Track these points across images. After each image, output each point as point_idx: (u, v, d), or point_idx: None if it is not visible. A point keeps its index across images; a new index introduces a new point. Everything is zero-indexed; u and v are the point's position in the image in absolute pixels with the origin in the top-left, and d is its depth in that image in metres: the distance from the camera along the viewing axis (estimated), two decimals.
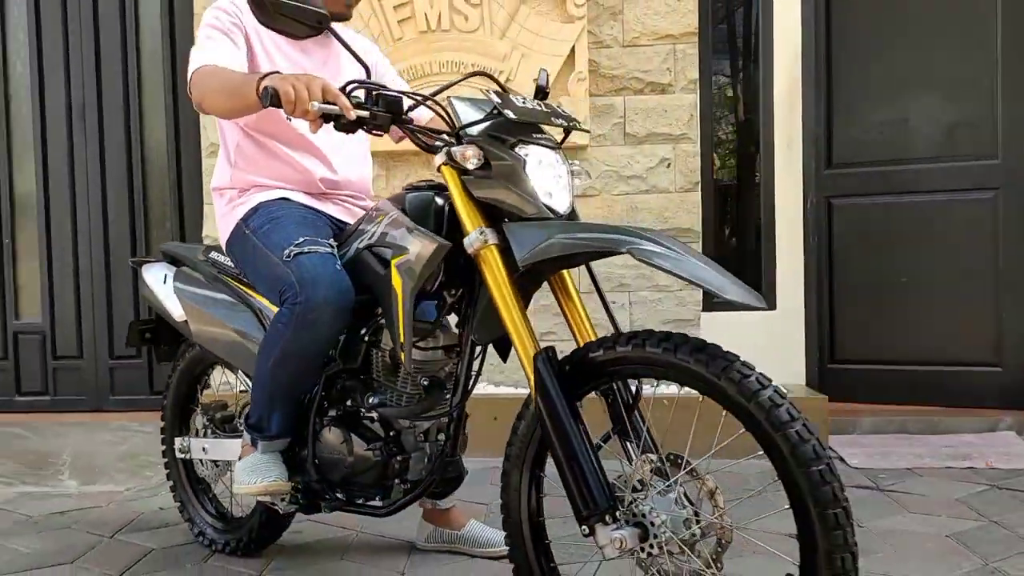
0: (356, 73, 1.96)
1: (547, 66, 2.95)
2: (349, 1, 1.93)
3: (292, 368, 1.69)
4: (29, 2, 3.64)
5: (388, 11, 3.23)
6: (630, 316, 3.23)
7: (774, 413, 1.24)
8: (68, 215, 3.65)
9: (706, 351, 1.33)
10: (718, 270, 1.30)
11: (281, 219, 1.77)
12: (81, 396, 3.64)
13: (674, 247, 1.31)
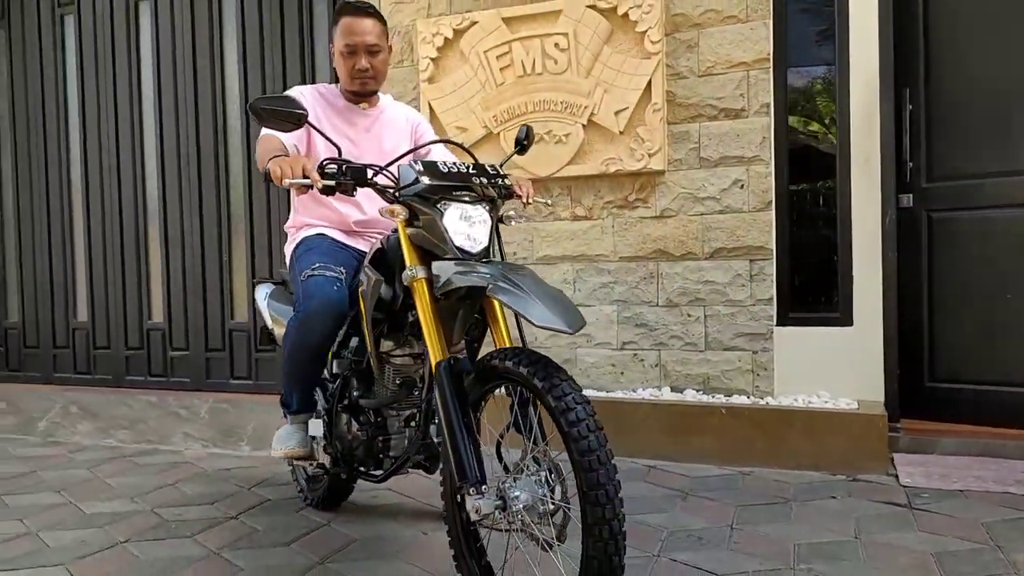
0: (395, 137, 2.52)
1: (626, 98, 3.33)
2: (363, 83, 2.45)
3: (299, 359, 2.28)
4: (154, 68, 4.69)
5: (492, 61, 3.73)
6: (705, 329, 3.45)
7: (568, 415, 1.57)
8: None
9: (539, 364, 1.67)
10: (550, 303, 1.65)
11: (311, 249, 2.35)
12: (271, 381, 4.57)
13: (523, 285, 1.68)
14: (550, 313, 1.64)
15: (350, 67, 2.42)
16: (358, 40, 2.41)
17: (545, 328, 1.65)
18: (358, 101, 2.51)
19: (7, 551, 2.44)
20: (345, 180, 2.00)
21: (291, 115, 1.97)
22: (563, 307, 1.68)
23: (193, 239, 4.69)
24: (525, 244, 3.75)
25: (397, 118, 2.61)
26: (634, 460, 3.27)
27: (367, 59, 2.43)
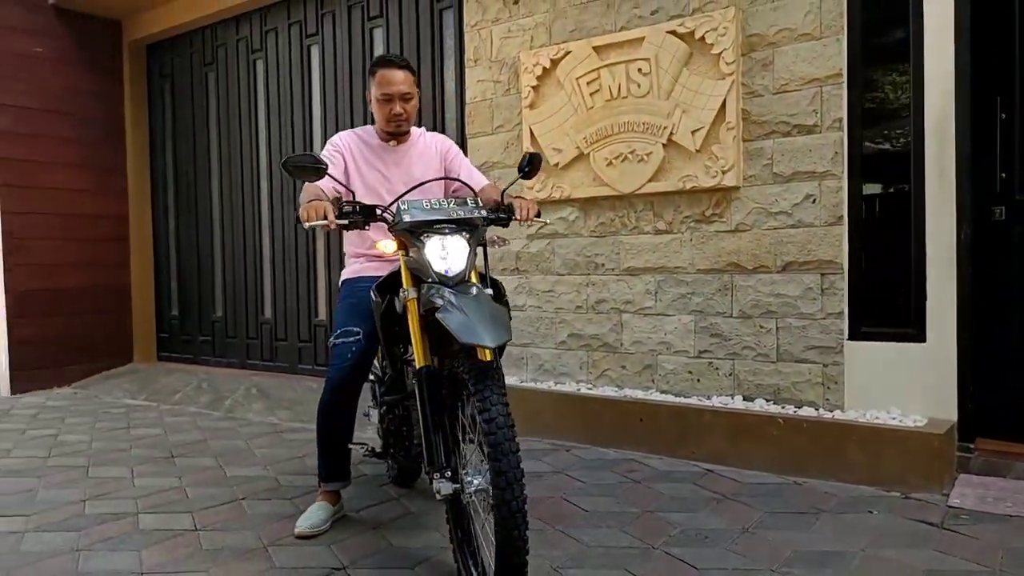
0: (423, 166, 2.96)
1: (702, 118, 3.52)
2: (398, 125, 2.88)
3: (325, 419, 2.78)
4: (321, 103, 5.33)
5: (583, 86, 4.03)
6: (777, 341, 3.53)
7: (485, 414, 1.91)
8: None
9: (476, 373, 2.02)
10: (483, 322, 2.00)
11: (343, 301, 2.85)
12: None
13: (466, 309, 2.04)
14: (479, 331, 2.00)
15: (387, 112, 2.87)
16: (393, 90, 2.85)
17: (468, 344, 2.01)
18: (390, 139, 2.96)
19: (158, 499, 3.17)
20: (355, 217, 2.45)
21: (315, 170, 2.43)
22: (493, 326, 2.03)
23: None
24: (612, 256, 4.02)
25: (427, 149, 3.03)
26: (696, 463, 3.45)
27: (401, 105, 2.87)
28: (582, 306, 4.13)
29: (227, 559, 2.50)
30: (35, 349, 6.12)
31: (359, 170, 2.96)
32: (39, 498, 3.21)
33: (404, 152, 3.00)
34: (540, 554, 2.45)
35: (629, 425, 3.72)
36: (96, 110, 6.56)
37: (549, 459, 3.60)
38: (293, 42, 5.75)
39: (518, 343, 4.36)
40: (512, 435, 1.96)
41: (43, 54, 6.21)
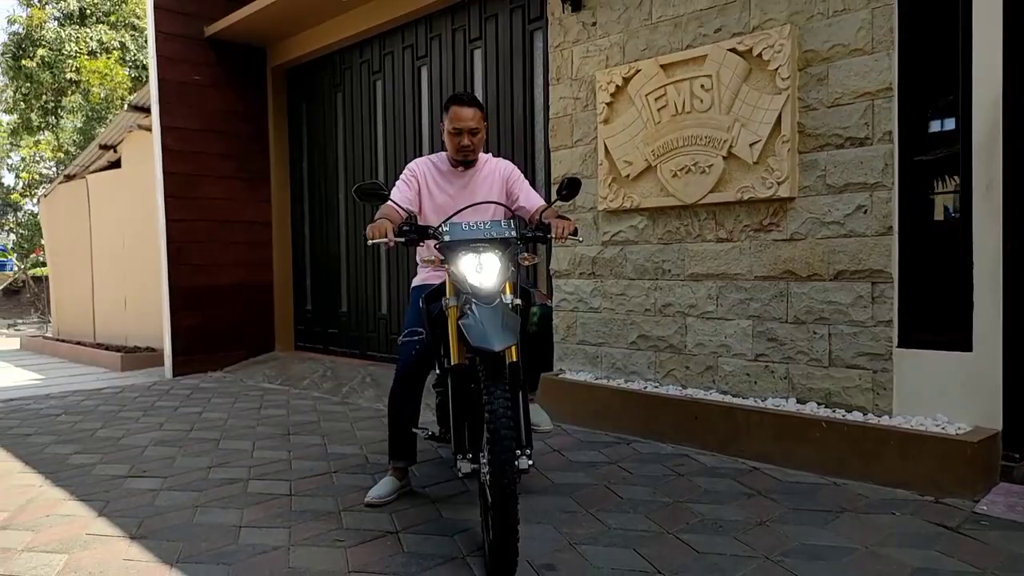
0: (486, 189, 3.34)
1: (759, 132, 3.72)
2: (466, 155, 3.28)
3: (392, 410, 3.21)
4: (428, 117, 5.76)
5: (651, 102, 4.28)
6: (829, 346, 3.66)
7: (489, 406, 2.27)
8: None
9: (489, 372, 2.38)
10: (492, 330, 2.36)
11: (412, 306, 3.26)
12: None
13: (481, 318, 2.41)
14: (488, 337, 2.37)
15: (456, 144, 3.29)
16: (463, 125, 3.26)
17: (477, 347, 2.38)
18: (458, 166, 3.37)
19: (267, 469, 3.77)
20: (411, 236, 2.88)
21: (379, 196, 2.90)
22: (501, 333, 2.39)
23: None
24: (678, 262, 4.25)
25: (491, 174, 3.41)
26: (744, 461, 3.65)
27: (468, 138, 3.27)
28: (650, 309, 4.39)
29: (307, 519, 3.01)
30: (193, 338, 7.09)
31: (430, 193, 3.40)
32: (176, 464, 3.90)
33: (470, 177, 3.41)
34: (565, 532, 2.79)
35: (685, 422, 3.96)
36: (245, 128, 7.45)
37: (608, 451, 3.91)
38: (407, 64, 6.32)
39: (593, 342, 4.67)
40: (509, 425, 2.31)
41: (201, 81, 7.15)
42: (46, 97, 19.37)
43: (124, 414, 5.27)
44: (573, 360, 4.81)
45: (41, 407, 5.63)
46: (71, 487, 3.52)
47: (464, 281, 2.69)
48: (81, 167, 11.00)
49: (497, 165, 3.50)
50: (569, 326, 4.82)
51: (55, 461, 4.01)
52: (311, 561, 2.57)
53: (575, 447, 4.01)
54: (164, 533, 2.88)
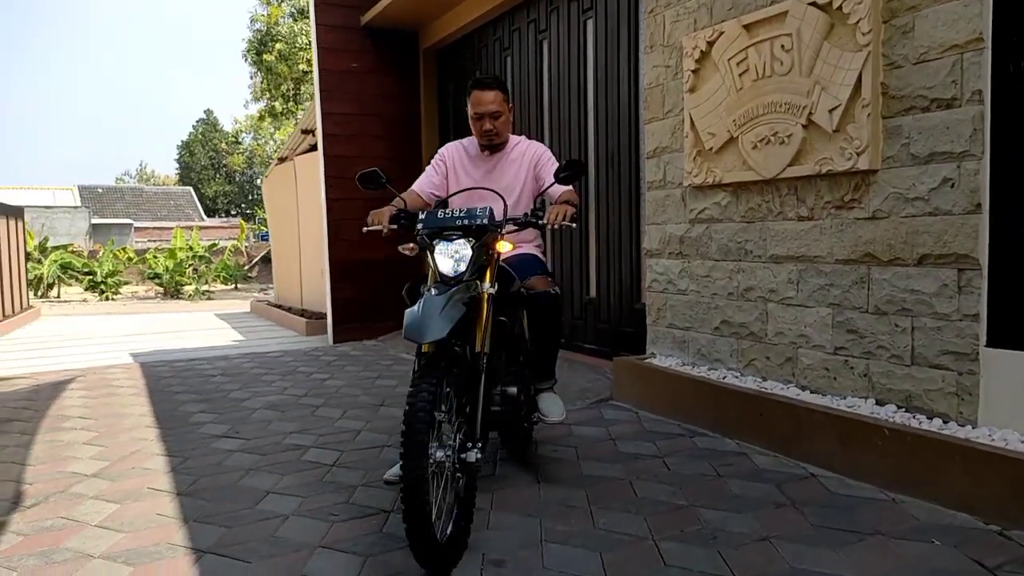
0: (512, 174, 3.29)
1: (839, 95, 3.34)
2: (489, 140, 3.21)
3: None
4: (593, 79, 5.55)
5: (733, 67, 3.91)
6: (912, 342, 3.17)
7: (408, 403, 2.26)
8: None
9: (424, 367, 2.36)
10: (424, 319, 2.34)
11: None
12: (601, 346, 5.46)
13: (425, 307, 2.39)
14: (419, 328, 2.35)
15: (479, 129, 3.25)
16: (483, 109, 3.21)
17: (408, 339, 2.36)
18: (484, 149, 3.31)
19: (334, 438, 4.03)
20: (404, 223, 2.90)
21: (376, 182, 2.95)
22: (434, 322, 2.36)
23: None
24: (759, 243, 3.88)
25: (519, 157, 3.32)
26: (804, 465, 3.30)
27: (490, 122, 3.22)
28: (733, 293, 4.06)
29: (326, 490, 3.19)
30: (351, 308, 7.66)
31: (457, 176, 3.41)
32: (268, 427, 4.29)
33: (496, 161, 3.37)
34: (547, 527, 2.72)
35: (751, 418, 3.64)
36: (399, 110, 7.84)
37: (664, 443, 3.71)
38: (530, 39, 6.28)
39: (681, 326, 4.42)
40: (423, 419, 2.28)
41: (358, 68, 7.63)
42: (286, 86, 21.63)
43: (267, 377, 5.86)
44: (663, 344, 4.59)
45: (207, 368, 6.42)
46: (170, 443, 4.01)
47: (435, 269, 2.69)
48: (290, 150, 12.19)
49: (527, 148, 3.42)
50: (659, 308, 4.60)
51: (178, 418, 4.58)
52: (295, 532, 2.74)
53: (633, 436, 3.85)
54: (205, 493, 3.21)
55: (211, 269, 20.72)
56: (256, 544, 2.63)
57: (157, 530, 2.80)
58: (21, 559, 2.58)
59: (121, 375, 6.24)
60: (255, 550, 2.58)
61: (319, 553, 2.55)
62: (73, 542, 2.71)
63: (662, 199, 4.54)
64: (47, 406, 5.06)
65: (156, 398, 5.23)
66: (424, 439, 2.27)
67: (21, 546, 2.70)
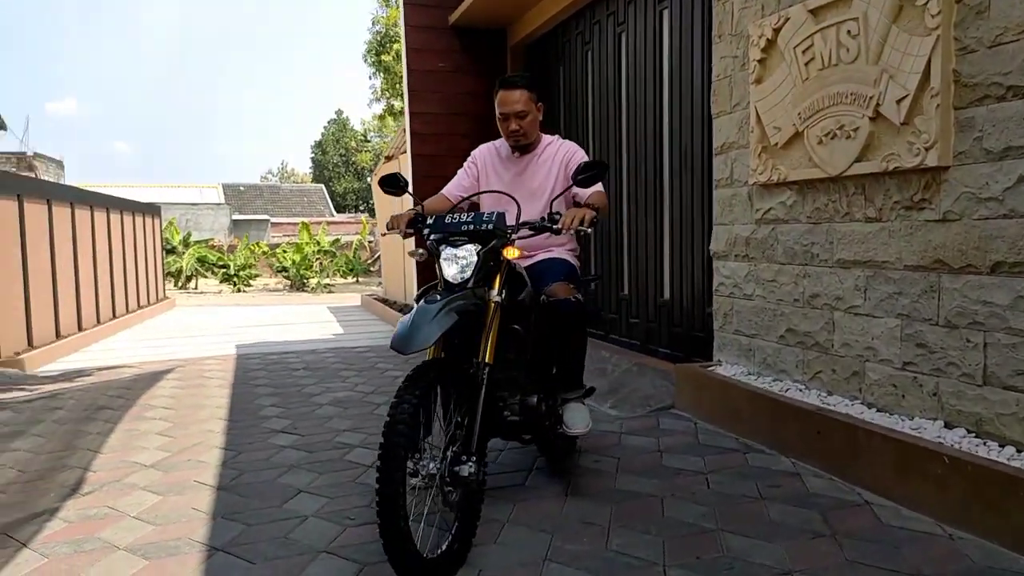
0: (541, 176, 3.19)
1: (907, 84, 3.06)
2: (516, 140, 3.11)
3: None
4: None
5: (799, 56, 3.63)
6: (984, 360, 2.83)
7: (390, 415, 2.20)
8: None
9: (410, 378, 2.30)
10: (411, 329, 2.27)
11: None
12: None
13: (415, 316, 2.33)
14: (404, 338, 2.29)
15: (505, 129, 3.16)
16: (508, 109, 3.12)
17: (393, 349, 2.30)
18: (514, 151, 3.21)
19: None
20: (422, 226, 2.85)
21: (397, 187, 2.92)
22: (413, 331, 2.29)
23: (685, 230, 5.65)
24: (826, 246, 3.58)
25: (549, 158, 3.20)
26: (860, 491, 3.02)
27: (516, 122, 3.12)
28: (799, 299, 3.78)
29: (355, 492, 3.19)
30: None
31: (488, 178, 3.34)
32: (326, 424, 4.38)
33: (526, 163, 3.28)
34: (556, 546, 2.60)
35: (808, 436, 3.37)
36: (486, 108, 7.78)
37: (713, 459, 3.50)
38: (609, 32, 6.10)
39: (747, 333, 4.16)
40: (401, 431, 2.21)
41: (445, 68, 7.68)
42: (402, 85, 22.21)
43: (344, 372, 6.01)
44: (729, 351, 4.34)
45: (294, 361, 6.66)
46: (232, 436, 4.17)
47: (439, 275, 2.64)
48: (396, 148, 12.50)
49: (559, 148, 3.30)
50: (726, 314, 4.35)
51: (248, 411, 4.76)
52: (307, 534, 2.76)
53: (683, 449, 3.66)
54: (242, 489, 3.30)
55: (334, 263, 21.63)
56: (266, 545, 2.67)
57: (185, 524, 2.90)
58: (56, 546, 2.73)
59: (215, 366, 6.58)
60: (263, 551, 2.62)
61: (320, 559, 2.55)
62: (107, 532, 2.84)
63: (729, 198, 4.28)
64: (139, 395, 5.40)
65: (237, 390, 5.46)
66: (401, 453, 2.22)
67: (61, 533, 2.86)
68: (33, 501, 3.23)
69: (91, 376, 6.44)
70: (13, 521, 2.99)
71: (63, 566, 2.56)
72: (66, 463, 3.78)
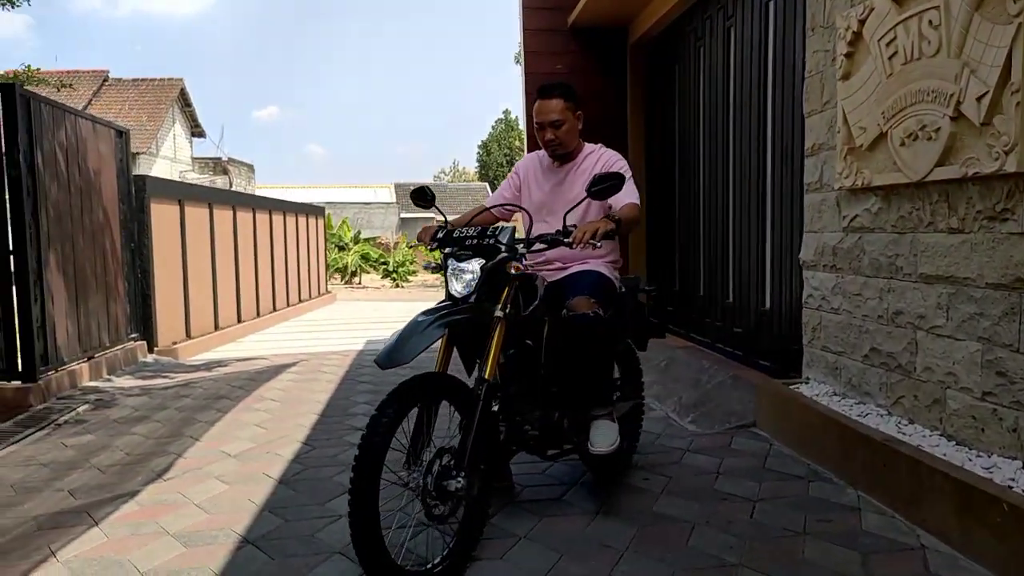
0: (581, 188, 3.12)
1: (988, 79, 2.75)
2: (553, 150, 3.05)
3: None
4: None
5: (882, 49, 3.30)
6: None
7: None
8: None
9: (391, 395, 2.32)
10: (395, 342, 2.30)
11: None
12: None
13: (402, 331, 2.36)
14: (385, 353, 2.32)
15: (542, 139, 3.11)
16: (543, 119, 3.08)
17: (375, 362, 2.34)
18: (555, 160, 3.16)
19: None
20: (441, 238, 2.86)
21: (426, 200, 2.96)
22: (398, 346, 2.31)
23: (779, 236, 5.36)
24: (910, 258, 3.23)
25: (588, 168, 3.11)
26: (920, 531, 2.73)
27: (552, 132, 3.07)
28: (883, 316, 3.44)
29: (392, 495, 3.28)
30: None
31: (529, 189, 3.31)
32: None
33: (565, 172, 3.22)
34: (562, 566, 2.54)
35: (875, 468, 3.07)
36: (604, 108, 7.71)
37: (771, 485, 3.27)
38: (719, 26, 5.83)
39: (834, 350, 3.85)
40: (371, 449, 2.24)
41: (562, 69, 7.65)
42: None
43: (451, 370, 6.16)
44: (816, 368, 4.04)
45: None
46: (315, 432, 4.41)
47: (449, 285, 2.66)
48: None
49: (599, 157, 3.21)
50: (814, 328, 4.05)
51: (341, 407, 5.02)
52: (332, 534, 2.86)
53: (744, 473, 3.45)
54: (299, 484, 3.49)
55: None
56: (291, 542, 2.81)
57: (233, 515, 3.11)
58: (118, 527, 3.03)
59: (335, 361, 6.97)
60: (285, 548, 2.76)
61: (332, 559, 2.65)
62: (165, 518, 3.11)
63: (818, 204, 3.98)
64: (257, 387, 5.83)
65: (343, 386, 5.76)
66: (374, 470, 2.25)
67: (130, 516, 3.16)
68: (123, 483, 3.59)
69: (227, 367, 7.04)
70: (97, 501, 3.35)
71: (115, 547, 2.83)
72: (166, 449, 4.17)
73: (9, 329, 5.38)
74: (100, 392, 5.84)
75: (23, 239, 5.35)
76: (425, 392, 2.50)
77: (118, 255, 7.10)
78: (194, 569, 2.61)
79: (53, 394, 5.54)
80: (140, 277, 7.62)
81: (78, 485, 3.60)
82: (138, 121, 26.58)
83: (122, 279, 7.16)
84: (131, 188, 7.50)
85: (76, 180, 6.25)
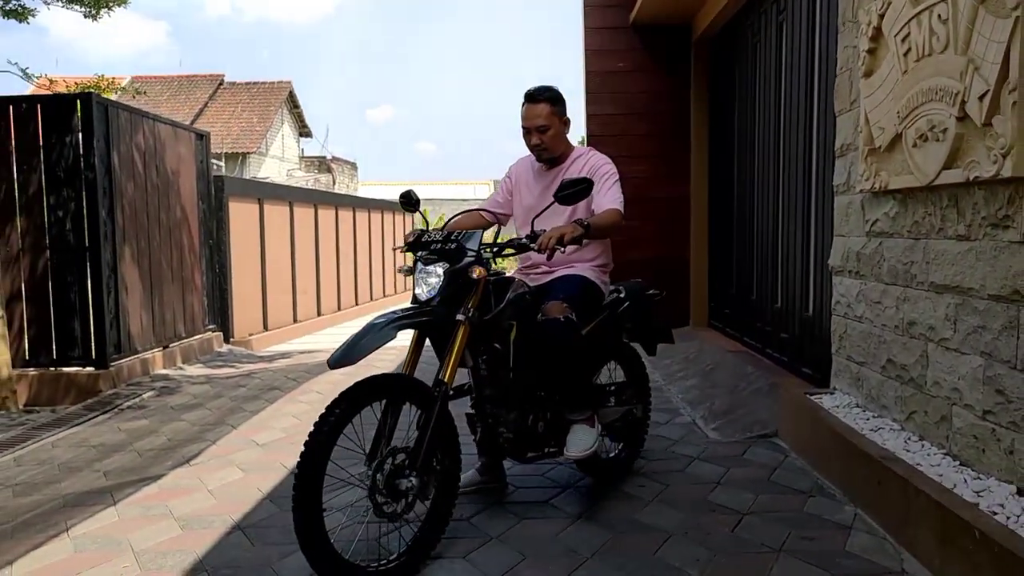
0: None
1: (989, 77, 2.61)
2: (539, 154, 3.06)
3: None
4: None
5: (898, 44, 3.13)
6: None
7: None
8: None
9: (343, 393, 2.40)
10: (347, 344, 2.38)
11: None
12: None
13: (356, 333, 2.43)
14: (337, 351, 2.39)
15: (528, 143, 3.12)
16: (528, 123, 3.08)
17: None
18: (544, 165, 3.16)
19: None
20: (412, 242, 2.90)
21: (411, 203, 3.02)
22: (348, 348, 2.38)
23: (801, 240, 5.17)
24: (923, 265, 3.05)
25: (576, 172, 3.08)
26: (906, 554, 2.60)
27: (537, 136, 3.07)
28: (899, 326, 3.27)
29: None
30: None
31: (519, 193, 3.33)
32: None
33: (554, 176, 3.22)
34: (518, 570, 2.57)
35: (870, 486, 2.93)
36: (667, 107, 7.60)
37: (767, 499, 3.17)
38: (771, 21, 5.63)
39: (857, 359, 3.68)
40: (314, 449, 2.33)
41: (624, 68, 7.58)
42: None
43: None
44: (842, 378, 3.87)
45: None
46: None
47: (417, 289, 2.72)
48: None
49: (587, 162, 3.18)
50: (841, 336, 3.88)
51: None
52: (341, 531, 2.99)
53: (746, 484, 3.35)
54: None
55: None
56: (277, 532, 2.95)
57: (236, 502, 3.28)
58: (132, 508, 3.26)
59: (389, 356, 7.14)
60: (269, 537, 2.90)
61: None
62: (177, 501, 3.32)
63: (845, 207, 3.80)
64: (308, 380, 6.08)
65: None
66: (318, 467, 2.34)
67: (146, 498, 3.39)
68: (152, 467, 3.85)
69: (290, 359, 7.36)
70: (123, 482, 3.61)
71: (122, 526, 3.06)
72: (204, 436, 4.43)
73: (84, 319, 5.83)
74: (168, 380, 6.24)
75: (97, 235, 5.78)
76: (381, 392, 2.56)
77: (196, 250, 7.55)
78: (180, 551, 2.78)
79: (124, 380, 5.97)
80: (218, 272, 8.07)
81: (114, 467, 3.88)
82: (249, 122, 27.97)
83: (200, 273, 7.60)
84: (210, 188, 7.94)
85: (153, 179, 6.69)
